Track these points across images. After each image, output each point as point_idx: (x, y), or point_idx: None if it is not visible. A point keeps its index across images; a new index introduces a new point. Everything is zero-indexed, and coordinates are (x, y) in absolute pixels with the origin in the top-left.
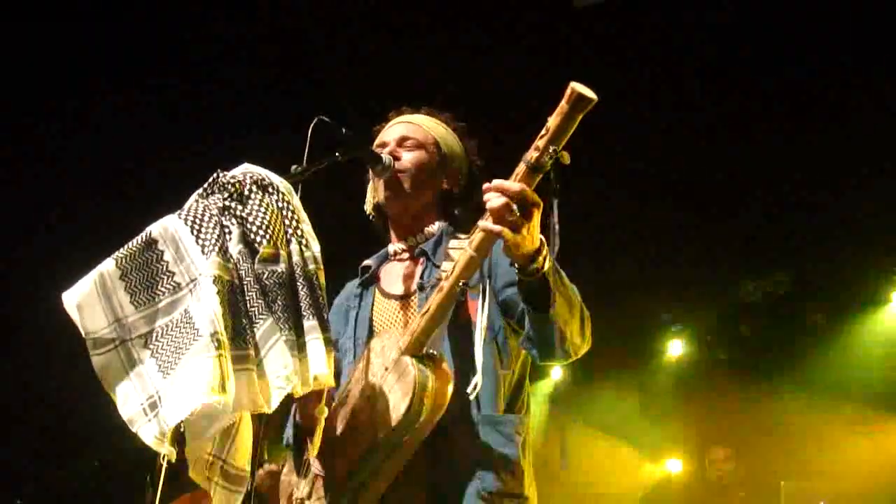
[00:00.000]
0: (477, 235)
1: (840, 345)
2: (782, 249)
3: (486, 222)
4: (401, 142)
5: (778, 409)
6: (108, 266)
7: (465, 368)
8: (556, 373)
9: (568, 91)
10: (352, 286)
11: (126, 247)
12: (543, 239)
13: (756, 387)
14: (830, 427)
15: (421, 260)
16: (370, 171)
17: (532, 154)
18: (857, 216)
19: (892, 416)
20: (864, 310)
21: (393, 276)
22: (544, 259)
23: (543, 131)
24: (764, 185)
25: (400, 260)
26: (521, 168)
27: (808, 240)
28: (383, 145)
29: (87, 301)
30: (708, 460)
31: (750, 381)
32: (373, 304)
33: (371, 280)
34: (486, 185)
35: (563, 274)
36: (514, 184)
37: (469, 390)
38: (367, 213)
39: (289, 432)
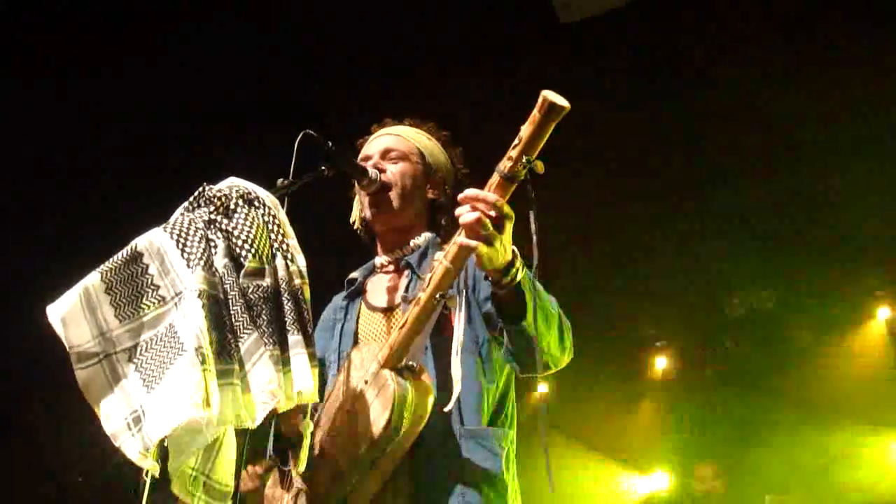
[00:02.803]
0: (452, 248)
1: (824, 361)
2: (767, 266)
3: (460, 237)
4: (384, 154)
5: (763, 425)
6: (93, 279)
7: (446, 381)
8: (542, 388)
9: (540, 100)
10: (338, 299)
11: (111, 260)
12: (516, 250)
13: (741, 402)
14: (815, 442)
15: (406, 272)
16: (356, 185)
17: (505, 164)
18: (842, 233)
19: (876, 432)
20: (848, 326)
21: (378, 288)
22: (517, 271)
23: (516, 141)
24: (749, 202)
25: (386, 272)
26: (494, 178)
27: (794, 257)
28: (367, 158)
29: (71, 315)
30: (695, 476)
31: (735, 397)
32: (358, 317)
33: (357, 292)
34: (461, 196)
35: (539, 285)
36: (489, 194)
37: (449, 406)
38: (354, 226)
39: (272, 446)
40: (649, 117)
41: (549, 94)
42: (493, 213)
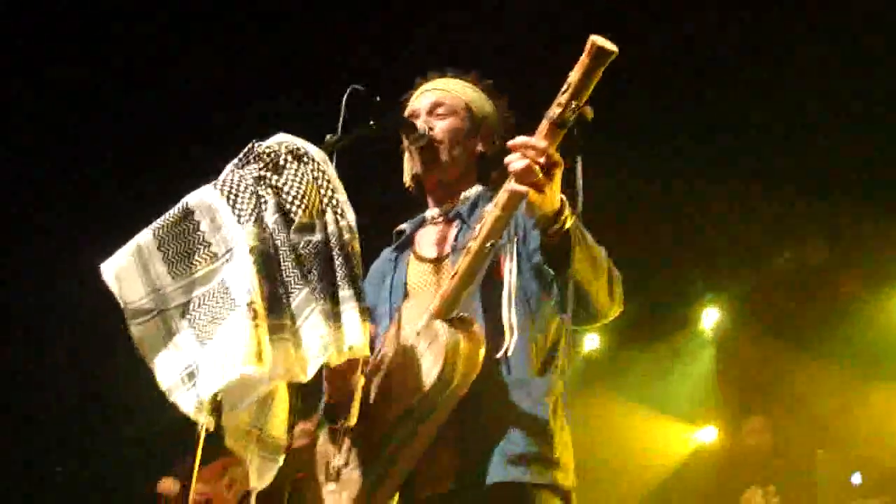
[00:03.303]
0: (502, 196)
1: (876, 315)
2: (818, 219)
3: (510, 183)
4: (432, 110)
5: (813, 379)
6: (145, 237)
7: (496, 330)
8: (591, 342)
9: (588, 44)
10: (387, 252)
11: (163, 217)
12: (564, 198)
13: (791, 357)
14: (866, 397)
15: (455, 222)
16: (405, 141)
17: (555, 110)
18: (893, 185)
19: None
20: None
21: (428, 239)
22: (566, 218)
23: (565, 87)
24: (800, 155)
25: (435, 224)
26: (543, 125)
27: (845, 209)
28: (414, 114)
29: (125, 272)
30: (744, 430)
31: (785, 351)
32: (407, 268)
33: (406, 244)
34: (510, 143)
35: (588, 234)
36: (539, 140)
37: (500, 354)
38: (406, 184)
39: (324, 401)
40: (706, 68)
41: (598, 39)
42: (542, 160)
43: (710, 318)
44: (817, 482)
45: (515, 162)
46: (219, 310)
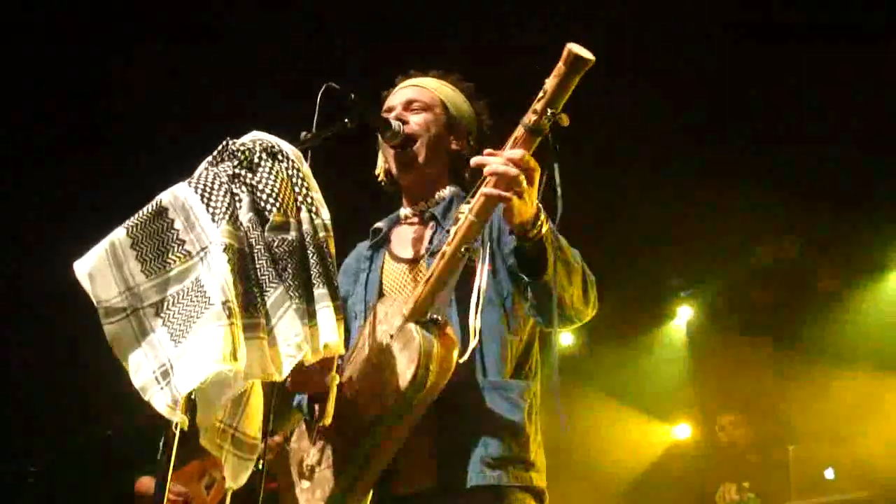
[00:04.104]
0: (478, 201)
1: (850, 310)
2: (793, 214)
3: (490, 188)
4: (407, 105)
5: (788, 375)
6: (118, 235)
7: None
8: (566, 338)
9: (565, 52)
10: (362, 247)
11: (136, 215)
12: (540, 204)
13: (766, 352)
14: (841, 392)
15: (431, 224)
16: (380, 137)
17: (530, 117)
18: (869, 180)
19: None
20: (874, 274)
21: (403, 239)
22: (541, 224)
23: (541, 93)
24: (775, 150)
25: (410, 223)
26: (519, 131)
27: (819, 204)
28: (390, 110)
29: (98, 270)
30: (718, 426)
31: (760, 347)
32: (382, 267)
33: (382, 243)
34: (482, 155)
35: (563, 239)
36: (513, 152)
37: (464, 357)
38: (378, 178)
39: (298, 399)
40: (679, 65)
41: (574, 47)
42: (521, 169)
43: (685, 314)
44: (791, 477)
45: (500, 167)
46: (193, 308)
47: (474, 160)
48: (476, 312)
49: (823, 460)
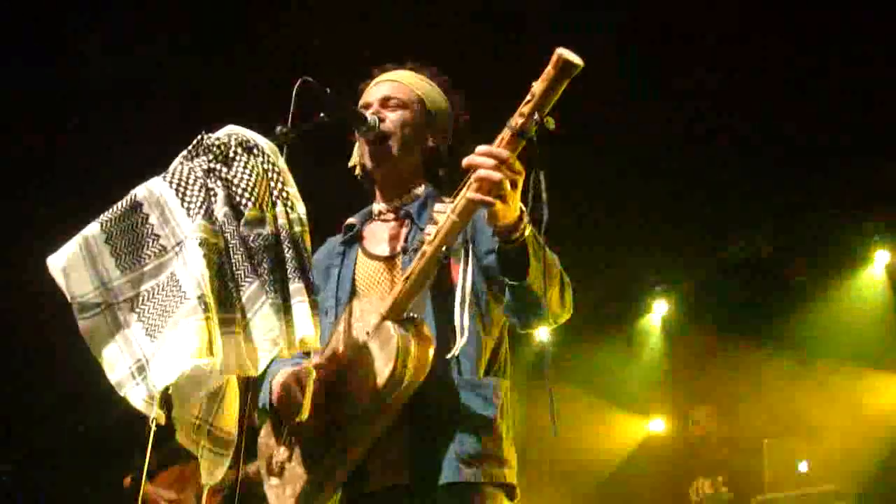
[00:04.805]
0: (460, 202)
1: (822, 304)
2: (765, 210)
3: (474, 193)
4: (384, 102)
5: (761, 369)
6: (92, 230)
7: (446, 333)
8: (542, 333)
9: (554, 57)
10: (335, 242)
11: (111, 210)
12: (523, 207)
13: (739, 346)
14: (813, 386)
15: (405, 222)
16: (355, 132)
17: (517, 120)
18: (838, 176)
19: (874, 374)
20: (845, 269)
21: (377, 236)
22: (524, 228)
23: (529, 97)
24: (745, 147)
25: (384, 220)
26: (505, 134)
27: (791, 200)
28: (367, 106)
29: (72, 265)
30: (691, 419)
31: (733, 341)
32: (356, 264)
33: (354, 239)
34: (477, 150)
35: (543, 242)
36: (501, 151)
37: (450, 355)
38: (353, 171)
39: (265, 396)
40: (643, 64)
41: (564, 52)
42: (507, 171)
43: (660, 309)
44: (764, 470)
45: (489, 171)
46: (169, 303)
47: (466, 161)
48: (463, 311)
49: (797, 454)
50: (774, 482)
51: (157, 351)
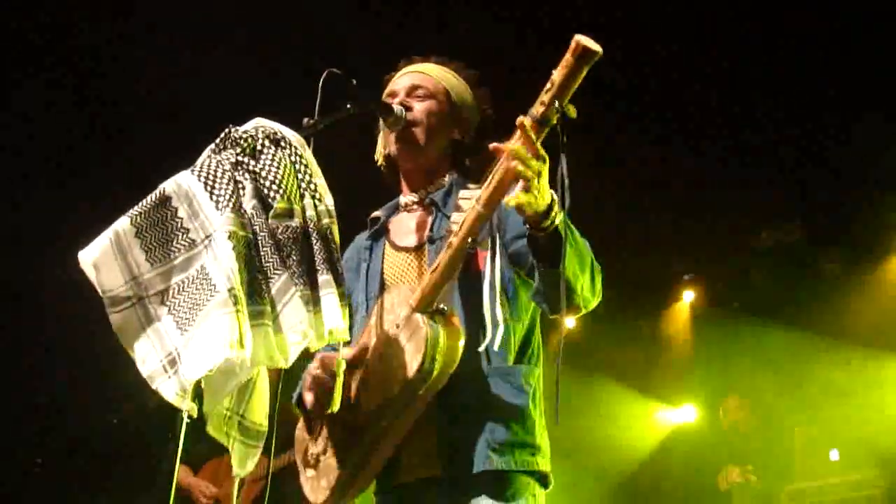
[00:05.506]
0: (485, 192)
1: (852, 292)
2: (794, 198)
3: (510, 195)
4: (411, 91)
5: (791, 357)
6: (123, 224)
7: (475, 322)
8: (569, 323)
9: (573, 44)
10: (361, 239)
11: (140, 204)
12: (554, 194)
13: (769, 335)
14: (843, 374)
15: (431, 210)
16: (381, 122)
17: (538, 108)
18: (869, 163)
19: None
20: (876, 257)
21: (403, 227)
22: (556, 215)
23: (549, 85)
24: (776, 134)
25: (410, 211)
26: (527, 122)
27: (821, 188)
28: (393, 95)
29: (103, 259)
30: (723, 409)
31: (763, 329)
32: (383, 257)
33: (380, 232)
34: (499, 146)
35: (574, 229)
36: (521, 147)
37: (482, 347)
38: (378, 163)
39: (298, 391)
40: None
41: (583, 39)
42: (531, 162)
43: (689, 297)
44: (795, 459)
45: (514, 164)
46: (199, 296)
47: (493, 145)
48: (494, 303)
49: (828, 442)
50: (805, 470)
51: (188, 344)
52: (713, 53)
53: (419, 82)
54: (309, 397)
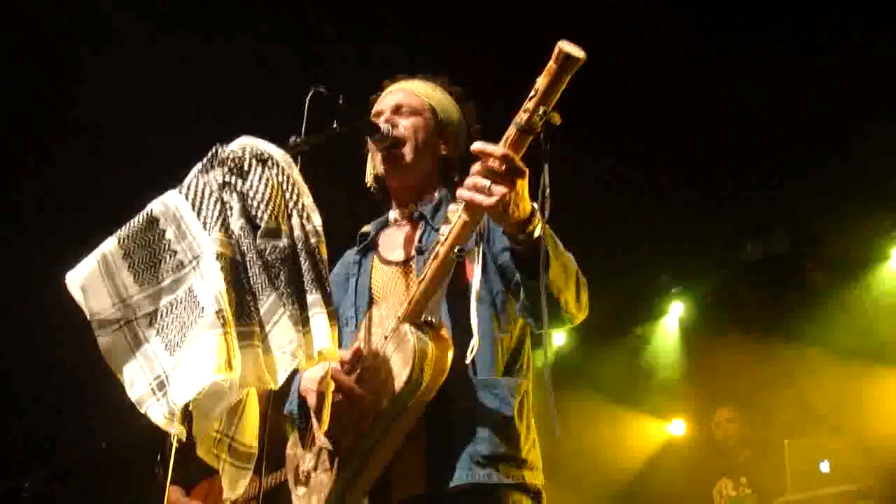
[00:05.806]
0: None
1: (840, 303)
2: (781, 209)
3: (467, 191)
4: (396, 109)
5: (780, 369)
6: (110, 245)
7: (462, 334)
8: (558, 337)
9: (556, 50)
10: (350, 254)
11: (127, 225)
12: (535, 206)
13: (758, 347)
14: (833, 385)
15: (420, 224)
16: (369, 142)
17: (522, 116)
18: (855, 174)
19: (894, 372)
20: (863, 267)
21: (392, 242)
22: (535, 226)
23: (532, 92)
24: (762, 145)
25: (399, 226)
26: (511, 131)
27: (807, 199)
28: (379, 114)
29: (90, 282)
30: (714, 422)
31: (751, 341)
32: (371, 272)
33: (369, 247)
34: (473, 147)
35: (558, 241)
36: (495, 147)
37: (468, 359)
38: (368, 184)
39: (291, 405)
40: (666, 62)
41: (566, 45)
42: (498, 165)
43: (677, 310)
44: (786, 471)
45: (472, 178)
46: (187, 318)
47: (474, 147)
48: (475, 312)
49: (818, 454)
50: (797, 482)
51: (177, 367)
52: (696, 63)
53: (404, 100)
54: (312, 398)
